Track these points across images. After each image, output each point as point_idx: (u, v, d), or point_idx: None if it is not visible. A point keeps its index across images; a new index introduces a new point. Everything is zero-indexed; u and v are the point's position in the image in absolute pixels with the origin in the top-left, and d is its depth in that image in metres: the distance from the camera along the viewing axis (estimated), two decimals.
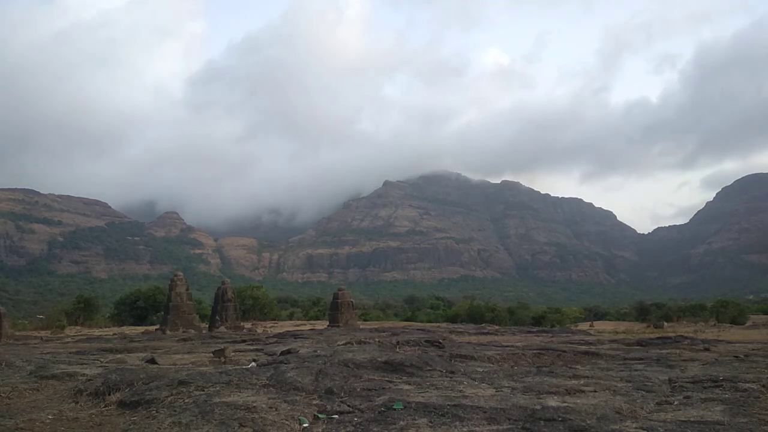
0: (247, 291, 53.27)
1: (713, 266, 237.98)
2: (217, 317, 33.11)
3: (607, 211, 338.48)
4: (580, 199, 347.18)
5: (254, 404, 6.42)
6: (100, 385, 7.99)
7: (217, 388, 7.43)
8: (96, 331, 34.93)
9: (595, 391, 7.54)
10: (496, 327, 34.71)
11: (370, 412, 6.33)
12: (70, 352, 15.18)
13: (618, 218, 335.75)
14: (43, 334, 32.82)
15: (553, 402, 6.70)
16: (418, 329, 25.82)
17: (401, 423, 5.74)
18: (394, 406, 6.40)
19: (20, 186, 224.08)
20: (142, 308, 49.31)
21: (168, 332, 28.43)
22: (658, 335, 21.60)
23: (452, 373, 9.49)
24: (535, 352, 13.30)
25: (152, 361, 11.70)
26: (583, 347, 14.69)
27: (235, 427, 5.61)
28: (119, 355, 13.99)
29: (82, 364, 11.38)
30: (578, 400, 6.87)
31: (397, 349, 13.92)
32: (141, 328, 36.06)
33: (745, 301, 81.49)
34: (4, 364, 10.88)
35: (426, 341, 15.61)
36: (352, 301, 35.82)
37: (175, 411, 6.40)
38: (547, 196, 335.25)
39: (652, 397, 7.31)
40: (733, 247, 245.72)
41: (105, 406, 7.28)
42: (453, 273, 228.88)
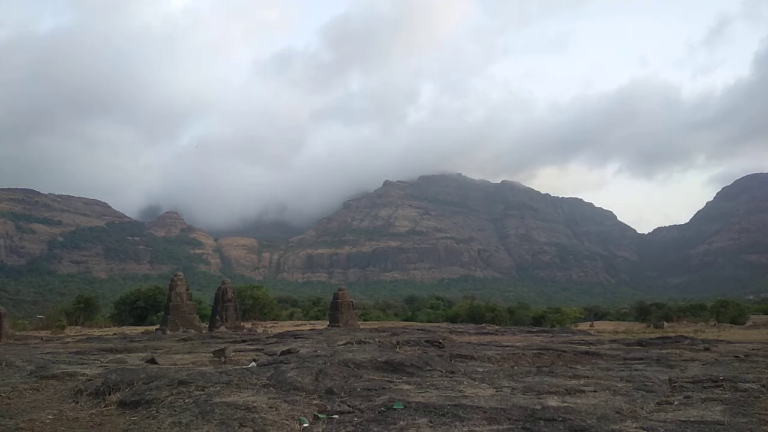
0: (247, 291, 53.23)
1: (713, 266, 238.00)
2: (217, 317, 33.10)
3: (607, 211, 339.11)
4: (580, 199, 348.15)
5: (254, 404, 6.42)
6: (100, 385, 8.00)
7: (217, 388, 7.43)
8: (96, 331, 34.93)
9: (595, 391, 7.54)
10: (496, 327, 34.68)
11: (370, 412, 6.33)
12: (70, 352, 15.17)
13: (618, 218, 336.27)
14: (43, 334, 32.83)
15: (553, 402, 6.71)
16: (418, 329, 25.78)
17: (401, 423, 5.74)
18: (394, 406, 6.40)
19: (20, 186, 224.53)
20: (142, 308, 49.32)
21: (168, 332, 28.42)
22: (658, 335, 21.59)
23: (452, 373, 9.49)
24: (535, 352, 13.30)
25: (152, 361, 11.69)
26: (583, 347, 14.69)
27: (235, 427, 5.61)
28: (119, 355, 13.98)
29: (82, 364, 11.37)
30: (578, 400, 6.87)
31: (397, 349, 13.91)
32: (141, 328, 36.05)
33: (745, 301, 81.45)
34: (4, 364, 10.88)
35: (426, 341, 15.61)
36: (352, 301, 35.81)
37: (175, 411, 6.40)
38: (547, 196, 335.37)
39: (652, 397, 7.31)
40: (733, 247, 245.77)
41: (105, 406, 7.28)
42: (453, 273, 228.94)
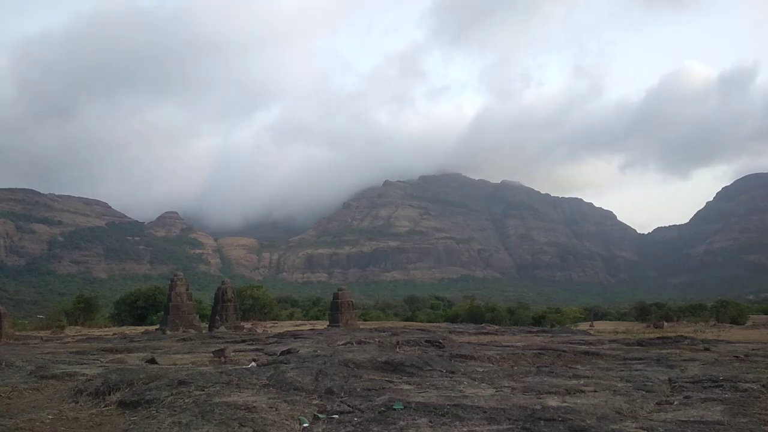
0: (247, 291, 53.20)
1: (713, 266, 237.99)
2: (217, 317, 33.09)
3: (607, 211, 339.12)
4: (580, 199, 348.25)
5: (254, 404, 6.42)
6: (100, 385, 8.00)
7: (217, 388, 7.43)
8: (96, 331, 34.91)
9: (595, 391, 7.54)
10: (496, 327, 34.66)
11: (370, 412, 6.33)
12: (70, 352, 15.17)
13: (618, 218, 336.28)
14: (43, 334, 32.82)
15: (553, 402, 6.70)
16: (418, 329, 25.74)
17: (401, 423, 5.74)
18: (394, 406, 6.40)
19: (20, 186, 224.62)
20: (142, 308, 49.29)
21: (168, 332, 28.41)
22: (658, 335, 21.56)
23: (452, 373, 9.49)
24: (535, 352, 13.30)
25: (152, 361, 11.70)
26: (583, 347, 14.68)
27: (235, 427, 5.61)
28: (119, 355, 13.98)
29: (82, 364, 11.37)
30: (578, 400, 6.87)
31: (397, 349, 13.92)
32: (141, 328, 36.03)
33: (745, 301, 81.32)
34: (4, 364, 10.88)
35: (426, 341, 15.60)
36: (352, 301, 35.80)
37: (175, 411, 6.40)
38: (547, 196, 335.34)
39: (652, 397, 7.31)
40: (733, 247, 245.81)
41: (105, 406, 7.29)
42: (453, 273, 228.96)
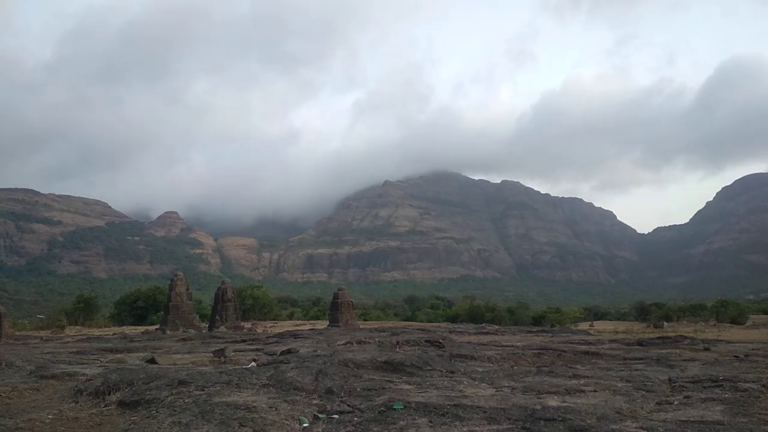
0: (247, 291, 53.19)
1: (713, 266, 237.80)
2: (217, 317, 33.10)
3: (607, 211, 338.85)
4: (580, 199, 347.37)
5: (254, 404, 6.42)
6: (100, 385, 8.00)
7: (217, 388, 7.43)
8: (96, 331, 34.91)
9: (595, 391, 7.54)
10: (496, 327, 34.67)
11: (370, 412, 6.32)
12: (70, 352, 15.18)
13: (618, 218, 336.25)
14: (43, 333, 32.83)
15: (553, 402, 6.70)
16: (418, 329, 25.76)
17: (401, 423, 5.74)
18: (394, 406, 6.40)
19: (20, 186, 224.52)
20: (142, 308, 49.29)
21: (168, 332, 28.42)
22: (658, 335, 21.57)
23: (452, 372, 9.49)
24: (535, 351, 13.31)
25: (152, 361, 11.70)
26: (583, 347, 14.69)
27: (235, 427, 5.61)
28: (119, 355, 13.98)
29: (82, 364, 11.37)
30: (578, 400, 6.87)
31: (397, 349, 13.92)
32: (141, 328, 36.04)
33: (745, 301, 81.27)
34: (4, 364, 10.88)
35: (426, 341, 15.61)
36: (352, 301, 35.82)
37: (175, 411, 6.40)
38: (547, 195, 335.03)
39: (652, 397, 7.31)
40: (733, 247, 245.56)
41: (105, 406, 7.28)
42: (453, 273, 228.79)
